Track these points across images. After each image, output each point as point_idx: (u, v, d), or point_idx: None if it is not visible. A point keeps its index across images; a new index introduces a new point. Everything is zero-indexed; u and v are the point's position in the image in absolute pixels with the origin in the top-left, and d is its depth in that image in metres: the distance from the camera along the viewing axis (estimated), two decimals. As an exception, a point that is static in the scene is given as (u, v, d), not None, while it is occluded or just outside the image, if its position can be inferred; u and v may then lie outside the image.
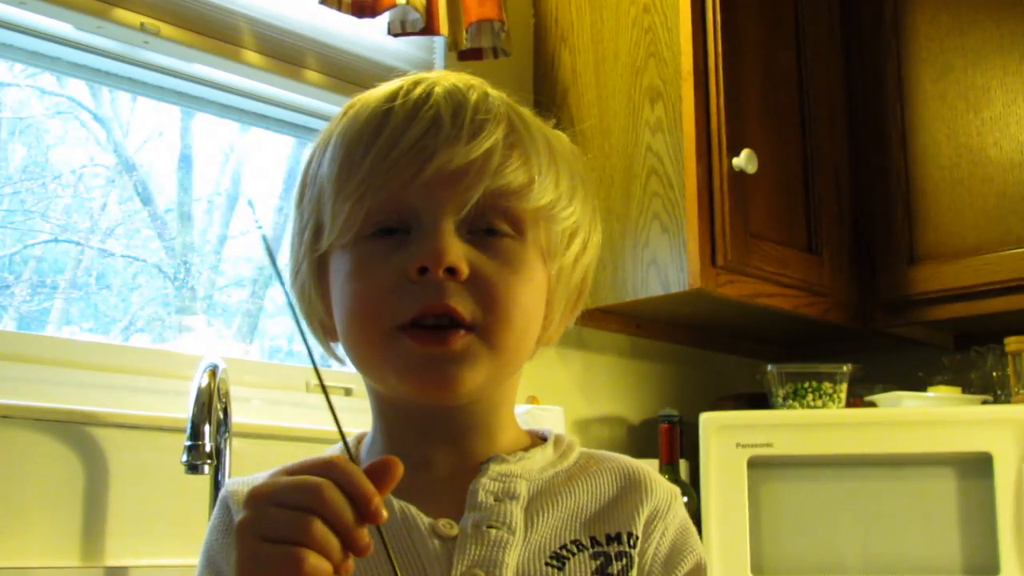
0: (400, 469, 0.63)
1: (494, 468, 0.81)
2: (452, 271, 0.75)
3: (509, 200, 0.79)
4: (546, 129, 0.86)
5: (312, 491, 0.60)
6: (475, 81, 0.83)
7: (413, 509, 0.78)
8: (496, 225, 0.79)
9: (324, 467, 0.61)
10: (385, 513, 0.61)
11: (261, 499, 0.61)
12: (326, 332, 0.85)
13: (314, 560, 0.59)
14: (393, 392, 0.81)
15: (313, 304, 0.85)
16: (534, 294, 0.81)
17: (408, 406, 0.82)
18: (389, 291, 0.76)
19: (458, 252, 0.76)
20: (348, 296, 0.79)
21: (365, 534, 0.61)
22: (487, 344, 0.77)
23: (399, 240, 0.78)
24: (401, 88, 0.82)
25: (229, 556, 0.79)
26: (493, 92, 0.83)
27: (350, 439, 0.87)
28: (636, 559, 0.80)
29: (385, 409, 0.85)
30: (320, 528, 0.60)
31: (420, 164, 0.76)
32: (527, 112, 0.85)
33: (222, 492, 0.85)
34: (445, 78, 0.83)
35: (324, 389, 0.67)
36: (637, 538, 0.81)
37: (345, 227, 0.78)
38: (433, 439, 0.83)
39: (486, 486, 0.80)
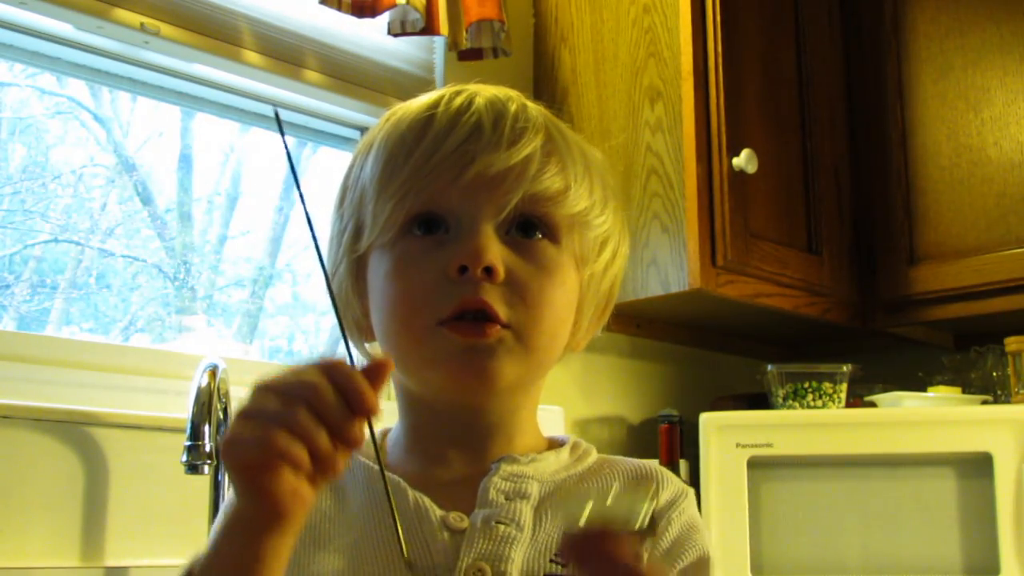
0: (391, 367, 0.66)
1: (505, 468, 0.83)
2: (489, 271, 0.78)
3: (546, 205, 0.82)
4: (581, 141, 0.89)
5: (306, 382, 0.63)
6: (514, 93, 0.86)
7: (427, 500, 0.80)
8: (532, 229, 0.82)
9: (322, 364, 0.64)
10: (380, 408, 0.64)
11: (261, 387, 0.64)
12: (362, 332, 0.88)
13: (286, 441, 0.61)
14: (429, 388, 0.84)
15: (350, 304, 0.87)
16: (566, 298, 0.84)
17: (435, 404, 0.85)
18: (429, 289, 0.79)
19: (496, 253, 0.79)
20: (389, 294, 0.82)
21: (355, 428, 0.63)
22: (520, 341, 0.80)
23: (439, 240, 0.81)
24: (443, 97, 0.84)
25: None
26: (531, 103, 0.86)
27: (377, 431, 0.89)
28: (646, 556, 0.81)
29: (412, 406, 0.87)
30: (304, 415, 0.62)
31: (461, 168, 0.79)
32: (563, 124, 0.88)
33: None
34: (485, 89, 0.86)
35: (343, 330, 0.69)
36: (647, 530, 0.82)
37: (386, 227, 0.81)
38: (455, 438, 0.85)
39: (497, 484, 0.81)
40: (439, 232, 0.81)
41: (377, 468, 0.83)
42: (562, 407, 1.85)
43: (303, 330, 1.99)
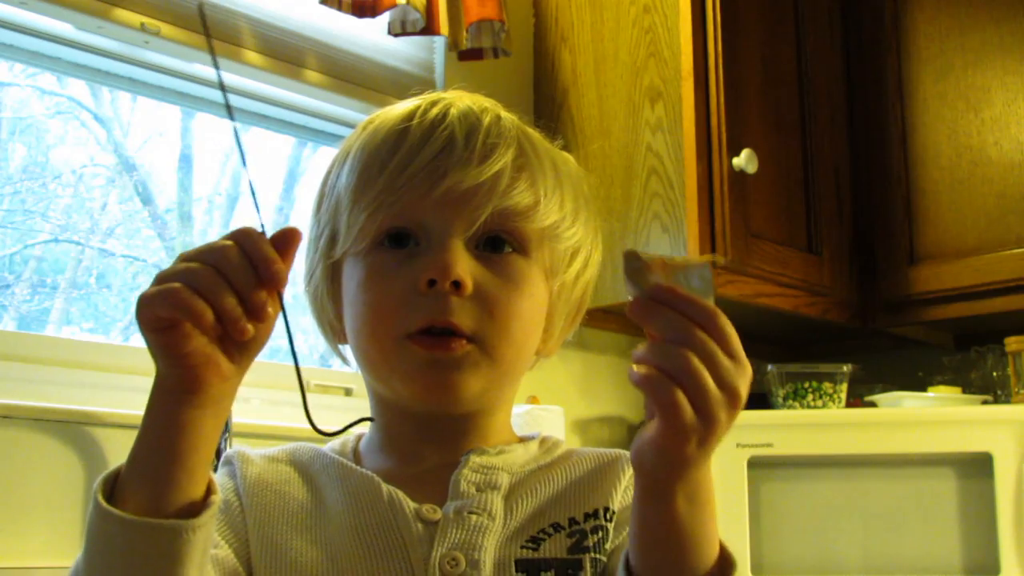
0: (299, 238, 0.66)
1: (474, 459, 0.85)
2: (457, 285, 0.79)
3: (515, 220, 0.83)
4: (553, 152, 0.90)
5: (215, 247, 0.64)
6: (488, 104, 0.88)
7: (400, 494, 0.82)
8: (502, 244, 0.84)
9: (233, 233, 0.65)
10: (285, 279, 0.65)
11: (178, 257, 0.66)
12: (335, 334, 0.90)
13: (189, 296, 0.62)
14: (397, 397, 0.85)
15: (324, 307, 0.89)
16: (534, 309, 0.85)
17: (406, 409, 0.86)
18: (398, 302, 0.81)
19: (464, 267, 0.80)
20: (360, 304, 0.84)
21: (259, 293, 0.64)
22: (486, 355, 0.82)
23: (410, 253, 0.82)
24: (419, 108, 0.85)
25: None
26: (505, 115, 0.87)
27: (350, 438, 0.91)
28: (611, 531, 0.83)
29: (384, 409, 0.89)
30: (209, 273, 0.63)
31: (433, 183, 0.81)
32: (536, 135, 0.89)
33: (228, 451, 0.89)
34: (460, 99, 0.87)
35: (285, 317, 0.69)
36: (614, 512, 0.84)
37: (359, 237, 0.83)
38: (428, 438, 0.87)
39: (468, 477, 0.83)
40: (410, 245, 0.82)
41: (351, 464, 0.86)
42: (562, 407, 1.85)
43: (303, 329, 1.99)
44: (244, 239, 0.64)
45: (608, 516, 0.83)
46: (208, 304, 0.62)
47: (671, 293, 0.66)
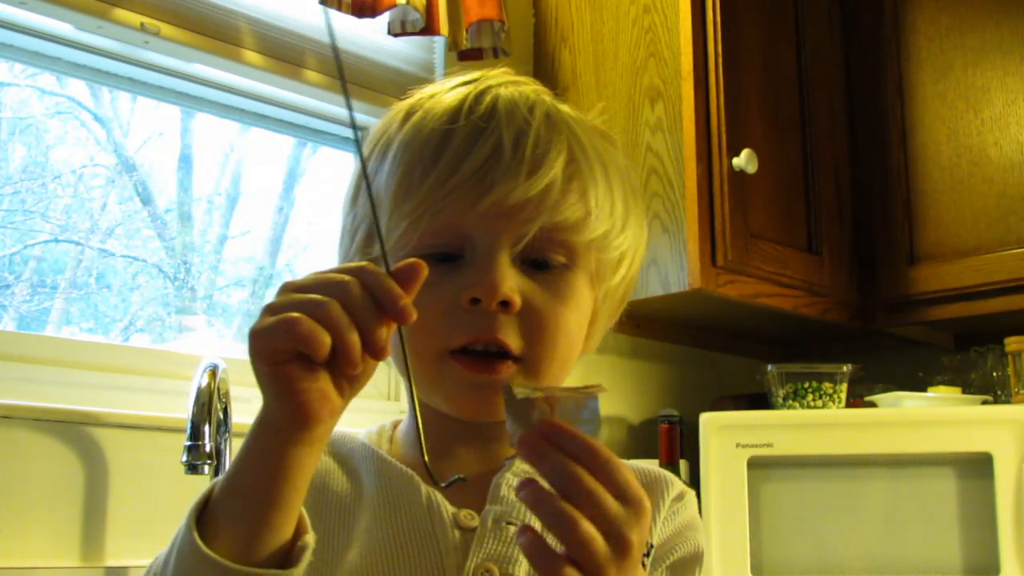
0: (425, 271, 0.62)
1: (518, 464, 0.82)
2: (505, 304, 0.76)
3: (565, 233, 0.79)
4: (602, 148, 0.85)
5: (336, 283, 0.60)
6: (536, 97, 0.83)
7: (439, 496, 0.79)
8: (551, 257, 0.80)
9: (353, 268, 0.61)
10: (414, 314, 0.61)
11: (287, 286, 0.62)
12: None
13: (312, 327, 0.58)
14: (437, 408, 0.82)
15: None
16: (580, 321, 0.82)
17: (445, 413, 0.83)
18: (441, 316, 0.77)
19: (511, 285, 0.76)
20: None
21: (382, 329, 0.60)
22: (531, 374, 0.78)
23: (453, 265, 0.78)
24: (465, 102, 0.80)
25: None
26: (554, 109, 0.83)
27: (387, 423, 0.89)
28: (648, 567, 0.81)
29: (421, 408, 0.86)
30: (334, 309, 0.59)
31: (479, 195, 0.76)
32: (585, 127, 0.85)
33: None
34: (506, 88, 0.82)
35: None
36: (652, 546, 0.82)
37: (399, 244, 0.79)
38: (466, 442, 0.84)
39: (509, 481, 0.81)
40: (453, 256, 0.78)
41: (390, 459, 0.83)
42: (562, 407, 1.85)
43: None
44: (366, 274, 0.61)
45: (647, 551, 0.80)
46: (332, 337, 0.59)
47: (555, 430, 0.62)
